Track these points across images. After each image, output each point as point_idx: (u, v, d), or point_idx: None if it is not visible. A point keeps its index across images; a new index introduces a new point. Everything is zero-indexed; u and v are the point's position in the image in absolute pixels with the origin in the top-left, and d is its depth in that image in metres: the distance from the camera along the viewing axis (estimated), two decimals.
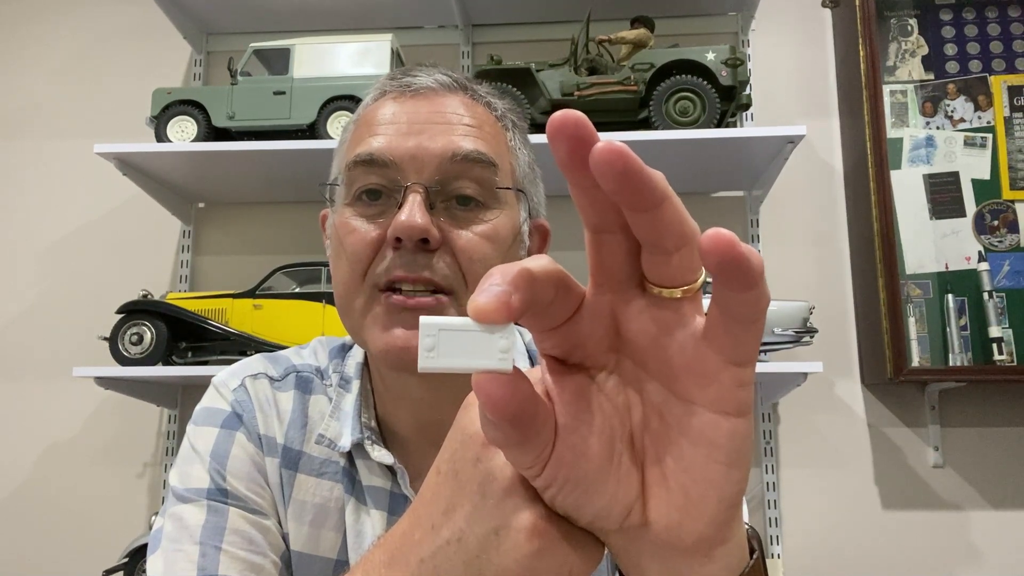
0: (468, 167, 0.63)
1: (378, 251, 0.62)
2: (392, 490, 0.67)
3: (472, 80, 0.70)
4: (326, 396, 0.72)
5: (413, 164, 0.62)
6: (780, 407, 1.76)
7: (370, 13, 1.92)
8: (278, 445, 0.69)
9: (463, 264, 0.62)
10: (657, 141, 1.55)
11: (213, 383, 0.73)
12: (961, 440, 1.72)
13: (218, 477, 0.66)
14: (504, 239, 0.64)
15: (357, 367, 0.72)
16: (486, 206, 0.64)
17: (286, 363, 0.74)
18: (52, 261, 1.96)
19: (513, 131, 0.70)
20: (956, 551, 1.67)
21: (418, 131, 0.63)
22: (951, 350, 1.67)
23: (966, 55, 1.81)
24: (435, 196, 0.62)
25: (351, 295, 0.63)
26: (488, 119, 0.68)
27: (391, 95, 0.67)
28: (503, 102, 0.71)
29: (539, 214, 0.72)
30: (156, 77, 1.99)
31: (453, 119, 0.64)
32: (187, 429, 0.71)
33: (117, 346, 1.57)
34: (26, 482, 1.86)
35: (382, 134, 0.64)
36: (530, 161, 0.71)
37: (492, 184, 0.64)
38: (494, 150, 0.65)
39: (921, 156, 1.78)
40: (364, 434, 0.68)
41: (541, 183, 0.73)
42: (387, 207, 0.63)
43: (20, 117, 2.04)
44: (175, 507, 0.65)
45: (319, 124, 1.64)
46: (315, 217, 1.92)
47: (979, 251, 1.72)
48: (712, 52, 1.59)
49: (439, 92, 0.66)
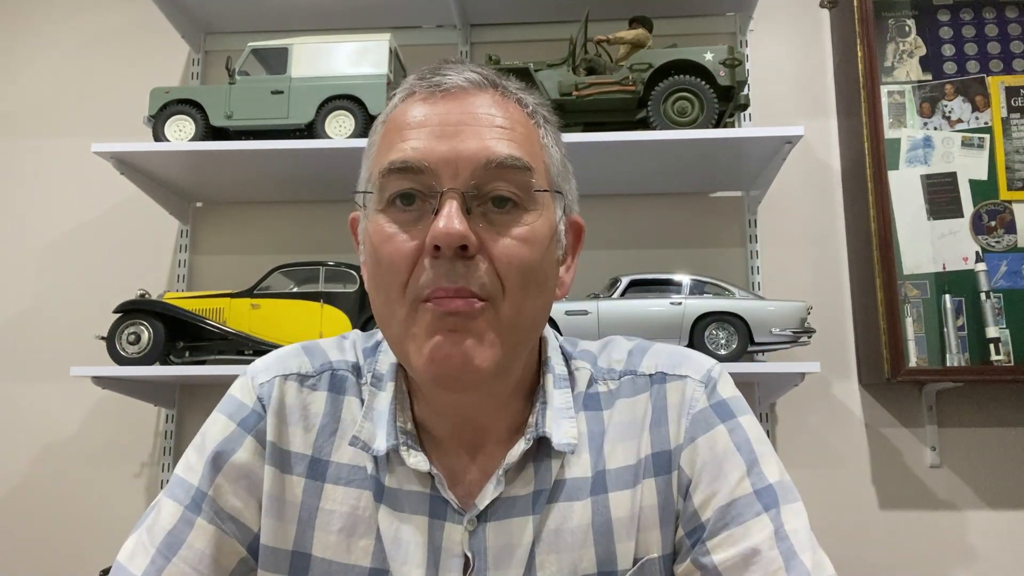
0: (503, 172, 0.62)
1: (416, 261, 0.61)
2: (432, 493, 0.67)
3: (502, 75, 0.68)
4: (359, 398, 0.72)
5: (448, 169, 0.61)
6: (777, 407, 1.76)
7: (368, 13, 1.91)
8: (300, 456, 0.70)
9: (500, 270, 0.61)
10: (655, 141, 1.55)
11: (248, 371, 0.74)
12: (958, 440, 1.72)
13: (209, 476, 0.69)
14: (542, 241, 0.64)
15: (391, 366, 0.72)
16: (523, 208, 0.63)
17: (323, 358, 0.74)
18: (49, 260, 1.96)
19: (545, 127, 0.69)
20: (953, 551, 1.68)
21: (451, 134, 0.62)
22: (948, 350, 1.67)
23: (964, 56, 1.81)
24: (471, 200, 0.61)
25: (392, 307, 0.63)
26: (520, 117, 0.66)
27: (420, 96, 0.65)
28: (533, 97, 0.69)
29: (573, 210, 0.71)
30: (154, 76, 1.99)
31: (485, 120, 0.63)
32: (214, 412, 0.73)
33: (114, 345, 1.57)
34: (23, 482, 1.85)
35: (414, 138, 0.62)
36: (562, 157, 0.70)
37: (528, 187, 0.63)
38: (528, 151, 0.64)
39: (919, 156, 1.78)
40: (399, 439, 0.68)
41: (573, 179, 0.72)
42: (422, 212, 0.62)
43: (18, 116, 2.04)
44: (165, 497, 0.70)
45: (317, 124, 1.64)
46: (313, 217, 1.94)
47: (976, 251, 1.73)
48: (710, 52, 1.59)
49: (469, 91, 0.65)
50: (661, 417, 0.69)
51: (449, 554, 0.66)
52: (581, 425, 0.70)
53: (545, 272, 0.65)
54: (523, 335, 0.65)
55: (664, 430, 0.69)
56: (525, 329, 0.64)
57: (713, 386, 0.70)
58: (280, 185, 1.82)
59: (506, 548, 0.66)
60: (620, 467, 0.68)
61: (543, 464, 0.68)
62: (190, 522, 0.68)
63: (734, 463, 0.66)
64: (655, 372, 0.72)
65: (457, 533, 0.66)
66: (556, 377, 0.71)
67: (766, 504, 0.65)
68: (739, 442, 0.68)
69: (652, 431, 0.69)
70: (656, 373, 0.72)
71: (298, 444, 0.70)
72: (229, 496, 0.69)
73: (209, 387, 1.85)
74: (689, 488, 0.67)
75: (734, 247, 1.84)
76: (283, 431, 0.70)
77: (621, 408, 0.71)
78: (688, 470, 0.67)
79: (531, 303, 0.63)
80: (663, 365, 0.72)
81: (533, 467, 0.68)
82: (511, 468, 0.67)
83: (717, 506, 0.65)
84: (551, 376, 0.71)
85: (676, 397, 0.70)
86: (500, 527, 0.66)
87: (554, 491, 0.67)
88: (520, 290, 0.62)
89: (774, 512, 0.64)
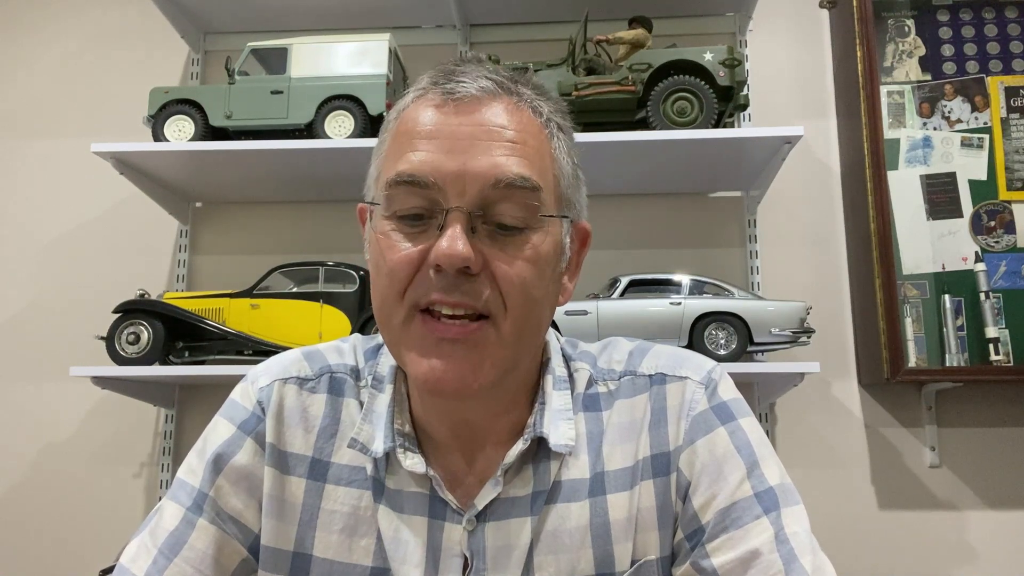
0: (512, 193, 0.61)
1: (418, 270, 0.61)
2: (431, 494, 0.68)
3: (518, 79, 0.67)
4: (358, 401, 0.72)
5: (455, 186, 0.60)
6: (777, 407, 1.76)
7: (368, 13, 1.91)
8: (300, 457, 0.70)
9: (503, 289, 0.61)
10: (655, 141, 1.55)
11: (248, 376, 0.75)
12: (957, 440, 1.72)
13: (210, 478, 0.70)
14: (546, 260, 0.64)
15: (391, 369, 0.73)
16: (529, 229, 0.63)
17: (322, 362, 0.75)
18: (49, 260, 1.96)
19: (558, 136, 0.68)
20: (952, 550, 1.68)
21: (462, 149, 0.61)
22: (948, 350, 1.67)
23: (963, 56, 1.81)
24: (476, 220, 0.61)
25: (390, 310, 0.63)
26: (533, 128, 0.65)
27: (433, 101, 0.64)
28: (549, 104, 0.68)
29: (581, 218, 0.71)
30: (153, 76, 1.99)
31: (496, 134, 0.62)
32: (216, 416, 0.74)
33: (114, 346, 1.57)
34: (23, 482, 1.85)
35: (423, 150, 0.62)
36: (574, 167, 0.69)
37: (536, 210, 0.63)
38: (538, 167, 0.64)
39: (918, 157, 1.79)
40: (396, 441, 0.68)
41: (584, 187, 0.72)
42: (428, 226, 0.62)
43: (17, 116, 2.04)
44: (167, 500, 0.71)
45: (316, 124, 1.64)
46: (313, 217, 1.94)
47: (976, 251, 1.73)
48: (710, 52, 1.59)
49: (483, 100, 0.64)
50: (660, 418, 0.69)
51: (448, 554, 0.66)
52: (580, 426, 0.70)
53: (547, 288, 0.65)
54: (524, 349, 0.65)
55: (663, 432, 0.69)
56: (526, 343, 0.65)
57: (714, 388, 0.70)
58: (279, 185, 1.82)
59: (504, 549, 0.66)
60: (618, 468, 0.68)
61: (542, 465, 0.68)
62: (192, 523, 0.68)
63: (734, 465, 0.66)
64: (655, 373, 0.72)
65: (456, 533, 0.67)
66: (556, 379, 0.71)
67: (766, 507, 0.65)
68: (739, 444, 0.67)
69: (651, 432, 0.69)
70: (656, 374, 0.72)
71: (298, 446, 0.71)
72: (230, 497, 0.69)
73: (209, 387, 1.85)
74: (688, 490, 0.67)
75: (734, 247, 1.84)
76: (282, 433, 0.71)
77: (620, 409, 0.71)
78: (687, 472, 0.67)
79: (533, 319, 0.64)
80: (663, 366, 0.72)
81: (532, 468, 0.68)
82: (510, 469, 0.67)
83: (717, 509, 0.65)
84: (551, 378, 0.71)
85: (676, 398, 0.70)
86: (499, 527, 0.67)
87: (552, 492, 0.68)
88: (522, 308, 0.62)
89: (774, 515, 0.64)
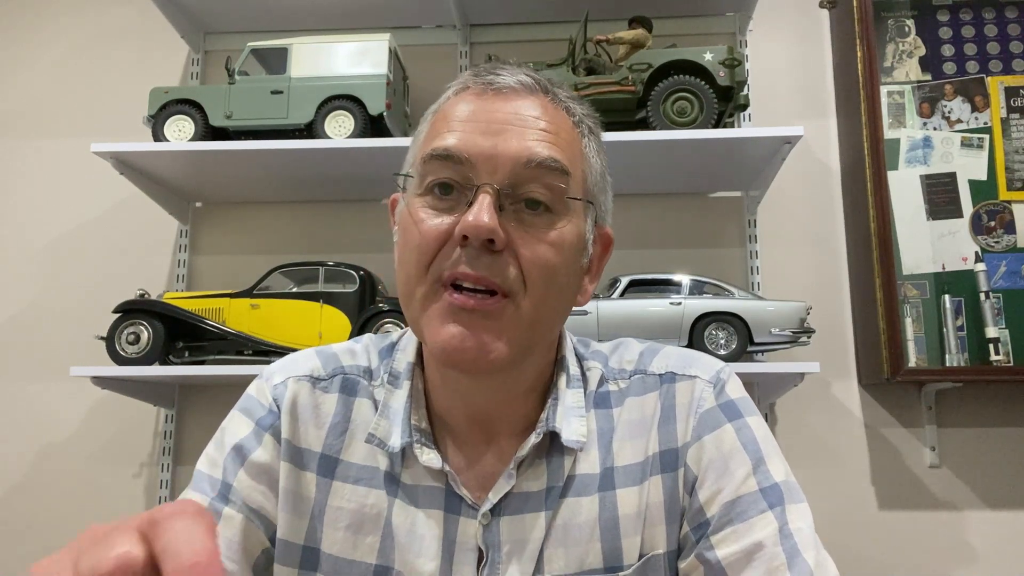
0: (541, 173, 0.63)
1: (444, 245, 0.63)
2: (447, 489, 0.69)
3: (554, 83, 0.70)
4: (371, 400, 0.73)
5: (487, 164, 0.63)
6: (777, 407, 1.76)
7: (368, 13, 1.91)
8: (312, 453, 0.71)
9: (525, 269, 0.62)
10: (655, 141, 1.55)
11: (263, 373, 0.76)
12: (957, 440, 1.72)
13: (232, 469, 0.70)
14: (569, 248, 0.65)
15: (408, 365, 0.74)
16: (555, 213, 0.64)
17: (335, 363, 0.76)
18: (49, 260, 1.96)
19: (589, 137, 0.70)
20: (952, 551, 1.68)
21: (496, 131, 0.64)
22: (948, 350, 1.67)
23: (963, 56, 1.81)
24: (505, 198, 0.63)
25: (413, 284, 0.64)
26: (566, 124, 0.68)
27: (473, 91, 0.67)
28: (581, 108, 0.71)
29: (605, 222, 0.73)
30: (153, 76, 1.99)
31: (531, 122, 0.65)
32: (232, 410, 0.75)
33: (114, 345, 1.57)
34: (23, 481, 1.85)
35: (459, 130, 0.64)
36: (602, 169, 0.72)
37: (562, 193, 0.64)
38: (568, 157, 0.66)
39: (918, 157, 1.79)
40: (413, 436, 0.69)
41: (611, 191, 0.74)
42: (458, 203, 0.63)
43: (17, 115, 2.04)
44: (190, 492, 0.71)
45: (316, 124, 1.64)
46: (313, 217, 1.94)
47: (976, 251, 1.73)
48: (710, 52, 1.59)
49: (520, 92, 0.67)
50: (669, 415, 0.71)
51: (463, 547, 0.68)
52: (591, 423, 0.72)
53: (568, 277, 0.66)
54: (539, 334, 0.66)
55: (672, 428, 0.70)
56: (542, 328, 0.66)
57: (721, 387, 0.72)
58: (279, 185, 1.82)
59: (519, 543, 0.67)
60: (628, 464, 0.70)
61: (555, 461, 0.69)
62: (218, 512, 0.68)
63: (740, 461, 0.67)
64: (665, 372, 0.73)
65: (471, 527, 0.68)
66: (570, 377, 0.73)
67: (771, 502, 0.66)
68: (746, 441, 0.69)
69: (660, 429, 0.71)
70: (666, 373, 0.73)
71: (311, 441, 0.72)
72: (251, 490, 0.70)
73: (209, 387, 1.85)
74: (695, 485, 0.68)
75: (733, 247, 1.84)
76: (296, 429, 0.72)
77: (630, 406, 0.72)
78: (694, 467, 0.69)
79: (551, 304, 0.65)
80: (673, 365, 0.74)
81: (545, 463, 0.70)
82: (523, 462, 0.69)
83: (722, 502, 0.66)
84: (564, 375, 0.73)
85: (685, 396, 0.71)
86: (513, 522, 0.68)
87: (564, 487, 0.69)
88: (542, 290, 0.63)
89: (779, 510, 0.65)
